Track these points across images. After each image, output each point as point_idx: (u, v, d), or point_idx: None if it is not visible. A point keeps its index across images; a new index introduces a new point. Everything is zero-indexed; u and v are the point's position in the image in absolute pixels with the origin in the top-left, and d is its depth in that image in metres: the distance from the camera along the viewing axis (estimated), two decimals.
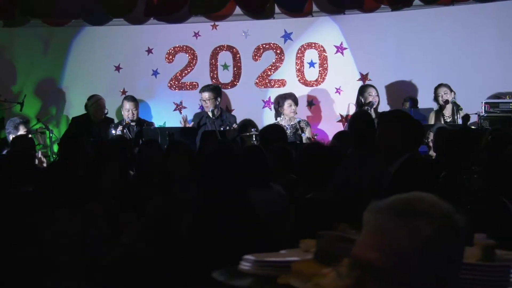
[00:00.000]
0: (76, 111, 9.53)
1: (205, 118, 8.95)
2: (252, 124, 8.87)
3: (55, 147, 8.36)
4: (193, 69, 9.95)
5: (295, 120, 8.85)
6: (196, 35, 9.92)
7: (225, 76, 9.95)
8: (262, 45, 9.85)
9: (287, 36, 9.81)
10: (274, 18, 9.57)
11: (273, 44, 9.84)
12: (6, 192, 4.81)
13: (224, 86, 9.83)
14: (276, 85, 9.82)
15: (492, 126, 7.13)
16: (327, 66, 9.73)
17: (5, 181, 4.93)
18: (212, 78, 9.90)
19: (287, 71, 9.82)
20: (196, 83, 9.77)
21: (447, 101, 8.51)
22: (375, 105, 8.72)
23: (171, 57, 9.98)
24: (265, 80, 9.86)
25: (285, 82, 9.81)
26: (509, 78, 8.83)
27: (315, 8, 9.32)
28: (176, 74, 9.95)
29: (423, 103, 8.98)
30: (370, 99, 8.74)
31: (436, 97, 8.65)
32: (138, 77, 9.98)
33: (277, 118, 9.04)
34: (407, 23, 9.41)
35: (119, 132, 8.60)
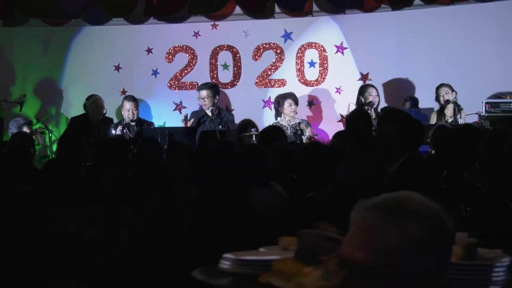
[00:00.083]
0: (76, 111, 9.50)
1: (204, 116, 8.93)
2: (252, 124, 8.86)
3: (54, 147, 8.34)
4: (193, 69, 9.93)
5: (295, 121, 8.83)
6: (196, 34, 9.90)
7: (225, 76, 9.93)
8: (262, 44, 9.83)
9: (287, 36, 9.79)
10: (274, 18, 9.56)
11: (273, 43, 9.82)
12: (5, 191, 4.80)
13: (224, 86, 9.81)
14: (276, 85, 9.80)
15: (493, 126, 7.13)
16: (327, 66, 9.71)
17: (3, 181, 4.92)
18: (212, 78, 9.88)
19: (287, 71, 9.80)
20: (196, 83, 9.74)
21: (448, 101, 8.51)
22: (375, 105, 8.71)
23: (171, 57, 9.96)
24: (265, 80, 9.84)
25: (285, 82, 9.79)
26: (509, 78, 8.82)
27: (315, 7, 9.31)
28: (176, 74, 9.94)
29: (424, 103, 8.97)
30: (370, 99, 8.73)
31: (437, 97, 8.65)
32: (138, 77, 9.96)
33: (277, 118, 9.02)
34: (407, 22, 9.40)
35: (119, 132, 8.58)
